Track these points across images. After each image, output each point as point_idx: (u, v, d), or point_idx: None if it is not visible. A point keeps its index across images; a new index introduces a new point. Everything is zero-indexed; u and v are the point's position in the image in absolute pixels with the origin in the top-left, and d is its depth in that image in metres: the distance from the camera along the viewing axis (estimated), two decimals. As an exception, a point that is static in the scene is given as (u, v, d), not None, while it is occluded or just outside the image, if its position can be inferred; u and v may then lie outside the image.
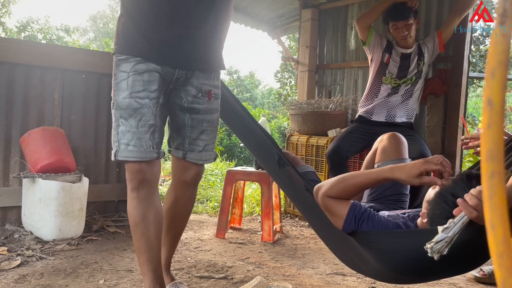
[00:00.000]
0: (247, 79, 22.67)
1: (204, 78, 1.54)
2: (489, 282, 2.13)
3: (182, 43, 1.47)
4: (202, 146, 1.58)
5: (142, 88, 1.42)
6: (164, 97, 1.49)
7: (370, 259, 1.25)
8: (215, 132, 1.62)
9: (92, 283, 1.84)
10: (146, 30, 1.44)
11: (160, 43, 1.44)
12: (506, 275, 0.34)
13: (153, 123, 1.44)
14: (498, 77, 0.35)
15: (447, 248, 0.96)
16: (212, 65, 1.57)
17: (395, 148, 1.73)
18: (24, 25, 13.27)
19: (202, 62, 1.53)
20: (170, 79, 1.49)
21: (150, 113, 1.43)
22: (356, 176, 1.30)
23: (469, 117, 9.01)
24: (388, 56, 2.89)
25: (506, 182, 1.05)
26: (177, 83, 1.51)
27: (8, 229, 2.49)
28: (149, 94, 1.43)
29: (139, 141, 1.41)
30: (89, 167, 2.88)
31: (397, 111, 2.82)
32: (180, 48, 1.47)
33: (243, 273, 2.08)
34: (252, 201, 4.11)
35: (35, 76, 2.69)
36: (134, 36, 1.45)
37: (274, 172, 1.75)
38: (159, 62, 1.44)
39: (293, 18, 4.68)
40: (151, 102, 1.43)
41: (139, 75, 1.41)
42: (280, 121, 12.95)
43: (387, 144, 1.76)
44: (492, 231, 0.35)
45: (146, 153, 1.42)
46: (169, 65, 1.46)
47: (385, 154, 1.73)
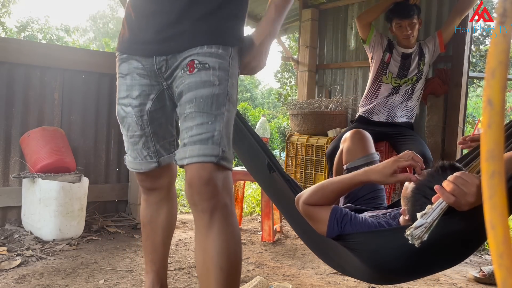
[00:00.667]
0: (247, 79, 22.66)
1: (187, 52, 1.15)
2: (489, 282, 2.13)
3: (155, 22, 1.18)
4: (187, 138, 1.11)
5: (125, 94, 1.25)
6: (159, 100, 1.25)
7: (357, 262, 1.24)
8: (210, 115, 1.09)
9: (92, 283, 1.84)
10: (129, 18, 1.24)
11: (134, 34, 1.23)
12: (506, 275, 0.34)
13: (140, 133, 1.26)
14: (498, 77, 0.35)
15: (427, 234, 0.95)
16: (194, 37, 1.15)
17: (360, 146, 1.72)
18: (24, 25, 13.27)
19: (176, 39, 1.16)
20: (155, 72, 1.21)
21: (134, 123, 1.25)
22: (333, 182, 1.30)
23: (469, 117, 9.01)
24: (389, 55, 2.89)
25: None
26: (164, 76, 1.21)
27: (8, 229, 2.49)
28: (131, 102, 1.24)
29: (133, 152, 1.31)
30: (89, 167, 2.88)
31: (397, 111, 2.81)
32: (152, 28, 1.18)
33: (243, 273, 2.08)
34: (252, 201, 4.11)
35: (35, 76, 2.69)
36: (122, 29, 1.29)
37: (262, 177, 1.70)
38: (133, 52, 1.22)
39: (293, 18, 4.68)
40: (133, 110, 1.24)
41: (123, 78, 1.25)
42: (280, 121, 12.94)
43: (350, 143, 1.74)
44: (492, 231, 0.35)
45: (141, 164, 1.31)
46: (143, 54, 1.20)
47: (351, 154, 1.72)
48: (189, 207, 3.21)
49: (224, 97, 1.12)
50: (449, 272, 2.28)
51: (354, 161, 1.67)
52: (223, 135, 1.11)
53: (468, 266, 2.47)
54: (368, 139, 1.75)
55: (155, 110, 1.25)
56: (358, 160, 1.66)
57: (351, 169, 1.63)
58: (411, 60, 2.85)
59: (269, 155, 1.61)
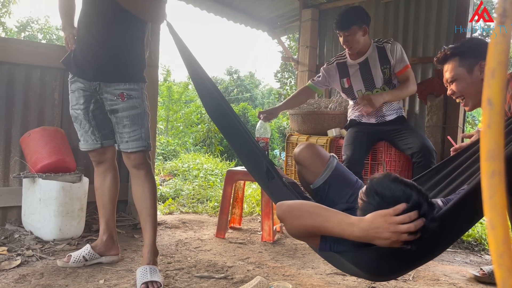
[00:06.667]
0: (247, 79, 22.68)
1: (115, 85, 1.88)
2: (489, 282, 2.13)
3: (93, 59, 1.87)
4: (127, 138, 1.91)
5: (75, 103, 1.96)
6: (96, 103, 1.94)
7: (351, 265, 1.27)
8: (137, 125, 1.91)
9: (92, 283, 1.84)
10: (76, 49, 1.93)
11: (79, 60, 1.91)
12: (506, 275, 0.34)
13: (89, 126, 1.97)
14: (498, 77, 0.35)
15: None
16: (118, 76, 1.88)
17: (316, 163, 1.62)
18: (24, 25, 13.28)
19: (106, 75, 1.88)
20: (92, 89, 1.91)
21: (85, 120, 1.96)
22: (316, 217, 1.18)
23: (469, 117, 9.01)
24: (347, 79, 2.81)
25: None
26: (98, 92, 1.91)
27: (8, 229, 2.49)
28: (80, 106, 1.95)
29: (85, 138, 2.01)
30: (89, 167, 2.87)
31: (384, 111, 2.75)
32: (91, 63, 1.88)
33: (243, 273, 2.08)
34: (252, 201, 4.11)
35: (35, 76, 2.69)
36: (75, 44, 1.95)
37: (263, 183, 1.68)
38: (79, 76, 1.91)
39: (293, 18, 4.68)
40: (81, 112, 1.95)
41: (73, 93, 1.96)
42: (280, 121, 12.95)
43: (306, 161, 1.63)
44: (492, 231, 0.35)
45: (90, 145, 2.01)
46: (85, 78, 1.90)
47: (311, 173, 1.62)
48: (189, 207, 3.56)
49: (144, 114, 1.94)
50: (449, 272, 2.28)
51: (319, 178, 1.60)
52: (146, 134, 1.95)
53: (468, 266, 2.47)
54: (318, 152, 1.64)
55: (95, 109, 1.96)
56: (321, 177, 1.60)
57: (318, 187, 1.60)
58: (369, 65, 2.72)
59: (268, 162, 1.61)
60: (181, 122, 12.66)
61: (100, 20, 1.86)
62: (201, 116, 12.67)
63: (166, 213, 3.54)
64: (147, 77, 2.03)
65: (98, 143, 2.01)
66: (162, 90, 12.58)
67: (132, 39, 1.91)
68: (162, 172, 6.05)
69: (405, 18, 3.57)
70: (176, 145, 9.95)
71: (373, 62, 2.72)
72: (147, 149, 1.96)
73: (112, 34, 1.86)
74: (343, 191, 1.57)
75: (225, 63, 79.96)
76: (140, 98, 1.92)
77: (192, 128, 12.29)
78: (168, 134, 11.92)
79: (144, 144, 1.93)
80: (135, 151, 1.92)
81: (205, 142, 11.06)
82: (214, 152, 10.06)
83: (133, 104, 1.90)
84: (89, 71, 1.89)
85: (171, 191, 4.48)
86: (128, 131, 1.91)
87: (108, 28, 1.85)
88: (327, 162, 1.62)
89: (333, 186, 1.58)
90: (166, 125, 12.30)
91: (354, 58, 2.77)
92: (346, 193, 1.57)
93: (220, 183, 5.25)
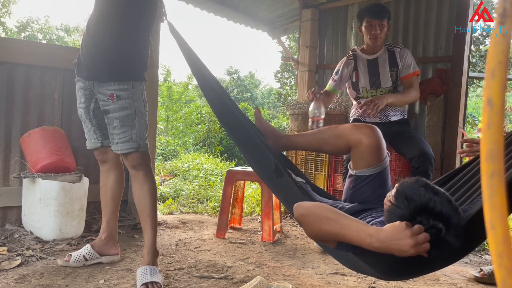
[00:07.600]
0: (247, 79, 22.67)
1: (107, 85, 1.88)
2: (489, 282, 2.13)
3: (89, 58, 1.90)
4: (117, 139, 1.91)
5: (80, 101, 2.00)
6: (96, 103, 1.96)
7: (365, 265, 1.28)
8: (127, 126, 1.89)
9: (92, 283, 1.84)
10: (81, 48, 1.96)
11: (80, 60, 1.95)
12: (506, 275, 0.34)
13: (91, 125, 2.02)
14: (498, 77, 0.35)
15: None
16: (108, 76, 1.88)
17: (376, 154, 1.52)
18: (24, 25, 13.27)
19: (98, 74, 1.89)
20: (89, 89, 1.94)
21: (87, 119, 2.01)
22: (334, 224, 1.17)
23: (469, 117, 9.01)
24: (355, 73, 2.87)
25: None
26: (93, 91, 1.93)
27: (8, 229, 2.49)
28: (81, 105, 2.00)
29: (88, 136, 2.06)
30: (89, 167, 2.88)
31: (388, 112, 2.78)
32: (86, 62, 1.92)
33: (243, 273, 2.08)
34: (252, 201, 4.11)
35: (35, 76, 2.69)
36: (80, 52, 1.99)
37: (271, 181, 1.65)
38: (79, 75, 1.96)
39: (293, 18, 4.68)
40: (83, 110, 2.00)
41: (77, 91, 2.00)
42: (280, 121, 12.95)
43: (366, 149, 1.51)
44: (492, 231, 0.35)
45: (92, 143, 2.05)
46: (82, 77, 1.95)
47: (364, 160, 1.52)
48: (189, 207, 3.58)
49: (134, 114, 1.90)
50: (449, 272, 2.28)
51: (366, 169, 1.53)
52: (137, 135, 1.91)
53: (468, 266, 2.47)
54: (382, 144, 1.53)
55: (95, 109, 1.98)
56: (370, 169, 1.52)
57: (359, 176, 1.54)
58: (378, 65, 2.80)
59: (278, 159, 1.56)
60: (181, 122, 12.66)
61: (96, 19, 1.86)
62: (201, 116, 12.67)
63: (166, 213, 3.54)
64: (147, 77, 2.02)
65: (99, 142, 2.03)
66: (162, 90, 12.57)
67: (127, 38, 1.88)
68: (162, 172, 6.05)
69: (405, 18, 3.57)
70: (176, 145, 9.94)
71: (382, 62, 2.80)
72: (139, 150, 1.91)
73: (106, 33, 1.85)
74: (377, 190, 1.54)
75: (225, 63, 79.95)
76: (130, 99, 1.88)
77: (192, 128, 12.29)
78: (168, 134, 11.92)
79: (134, 146, 1.89)
80: (125, 152, 1.90)
81: (205, 142, 11.05)
82: (214, 152, 10.05)
83: (122, 105, 1.87)
84: (85, 70, 1.92)
85: (171, 191, 4.48)
86: (118, 132, 1.89)
87: (102, 28, 1.85)
88: (383, 158, 1.53)
89: (373, 182, 1.54)
90: (166, 125, 12.29)
91: (367, 53, 2.84)
92: (378, 193, 1.54)
93: (220, 183, 5.25)
